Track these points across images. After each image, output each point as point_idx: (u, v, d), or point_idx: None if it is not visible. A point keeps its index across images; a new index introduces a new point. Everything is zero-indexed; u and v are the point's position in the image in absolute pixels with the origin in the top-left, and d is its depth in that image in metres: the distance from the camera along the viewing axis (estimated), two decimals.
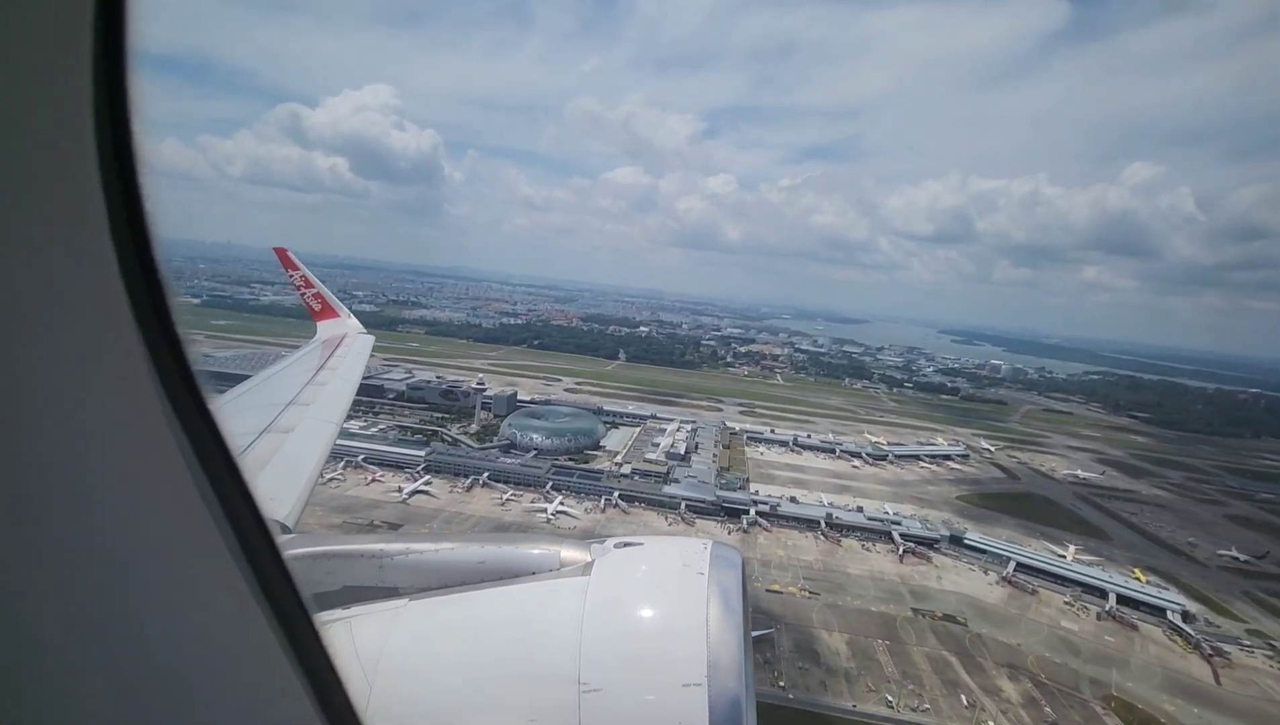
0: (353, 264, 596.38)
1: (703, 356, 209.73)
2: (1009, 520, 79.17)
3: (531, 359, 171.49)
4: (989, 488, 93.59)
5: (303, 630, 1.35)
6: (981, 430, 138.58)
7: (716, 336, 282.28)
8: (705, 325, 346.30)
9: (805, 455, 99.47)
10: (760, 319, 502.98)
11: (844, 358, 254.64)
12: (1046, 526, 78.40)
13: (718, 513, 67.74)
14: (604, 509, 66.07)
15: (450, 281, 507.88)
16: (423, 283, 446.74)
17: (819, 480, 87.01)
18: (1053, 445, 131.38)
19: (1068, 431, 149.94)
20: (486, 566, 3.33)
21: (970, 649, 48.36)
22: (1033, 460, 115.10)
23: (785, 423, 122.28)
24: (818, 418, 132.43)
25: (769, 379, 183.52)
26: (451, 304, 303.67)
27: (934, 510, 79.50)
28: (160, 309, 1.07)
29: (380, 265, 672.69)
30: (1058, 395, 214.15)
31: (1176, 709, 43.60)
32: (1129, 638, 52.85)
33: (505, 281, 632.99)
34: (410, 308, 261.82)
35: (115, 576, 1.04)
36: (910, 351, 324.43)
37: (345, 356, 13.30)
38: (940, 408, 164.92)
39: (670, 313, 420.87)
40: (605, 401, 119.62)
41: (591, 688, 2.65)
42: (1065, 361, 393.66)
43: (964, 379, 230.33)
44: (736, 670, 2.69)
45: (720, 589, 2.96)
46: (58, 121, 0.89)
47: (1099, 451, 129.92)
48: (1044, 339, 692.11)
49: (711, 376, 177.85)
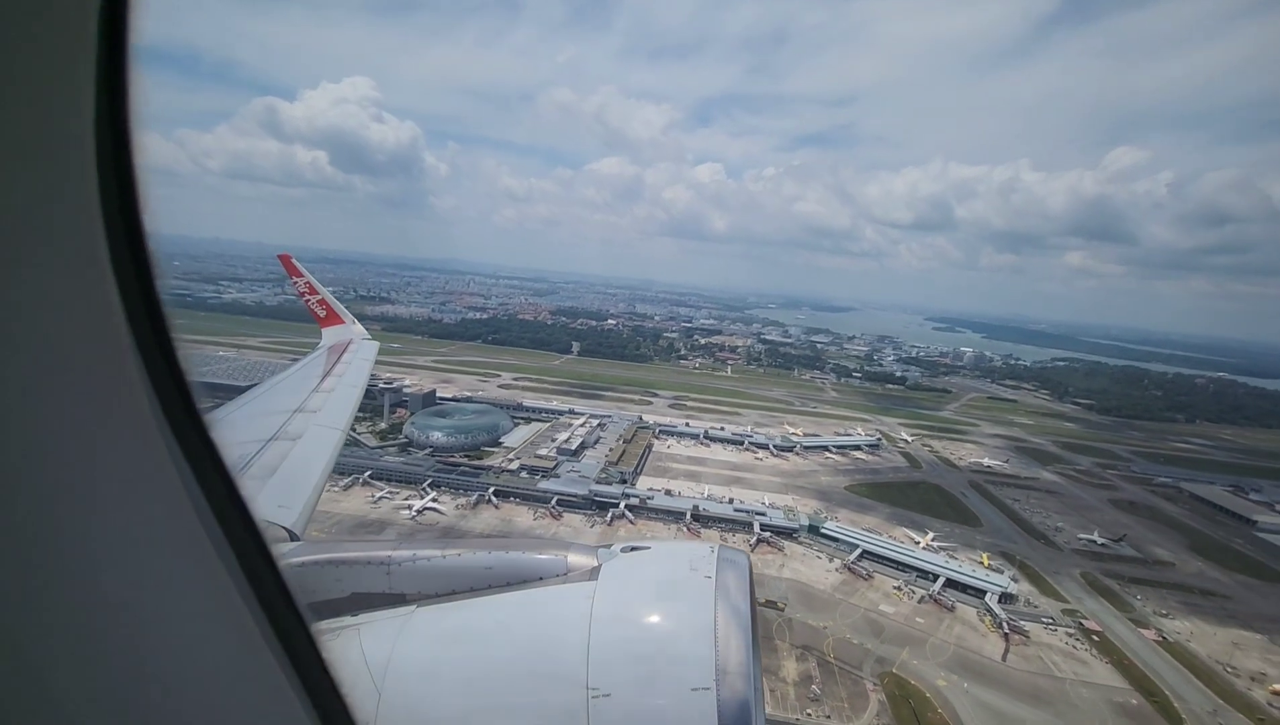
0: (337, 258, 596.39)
1: (659, 349, 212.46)
2: (885, 509, 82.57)
3: (481, 355, 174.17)
4: (884, 477, 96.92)
5: (298, 638, 1.34)
6: (910, 420, 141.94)
7: (686, 328, 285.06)
8: (679, 316, 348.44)
9: (713, 448, 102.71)
10: (743, 308, 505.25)
11: (808, 348, 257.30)
12: (921, 514, 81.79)
13: (589, 506, 71.01)
14: (475, 506, 69.30)
15: (435, 275, 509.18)
16: (404, 276, 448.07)
17: (714, 473, 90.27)
18: (976, 434, 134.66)
19: (999, 419, 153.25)
20: (494, 573, 3.37)
21: (774, 633, 51.75)
22: (946, 449, 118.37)
23: (712, 416, 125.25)
24: (749, 410, 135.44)
25: (718, 371, 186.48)
26: (422, 299, 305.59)
27: (814, 501, 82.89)
28: (154, 311, 1.07)
29: (367, 259, 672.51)
30: (1010, 383, 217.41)
31: (947, 684, 47.08)
32: (939, 619, 56.34)
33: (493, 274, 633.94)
34: (377, 303, 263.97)
35: (104, 584, 1.03)
36: (881, 340, 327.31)
37: (350, 363, 13.44)
38: (880, 397, 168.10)
39: (650, 304, 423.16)
40: (532, 397, 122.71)
41: (600, 692, 2.67)
42: (1043, 347, 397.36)
43: (921, 368, 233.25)
44: (745, 674, 2.69)
45: (727, 593, 2.98)
46: (57, 120, 0.88)
47: (1019, 439, 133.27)
48: (1030, 325, 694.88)
49: (659, 370, 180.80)
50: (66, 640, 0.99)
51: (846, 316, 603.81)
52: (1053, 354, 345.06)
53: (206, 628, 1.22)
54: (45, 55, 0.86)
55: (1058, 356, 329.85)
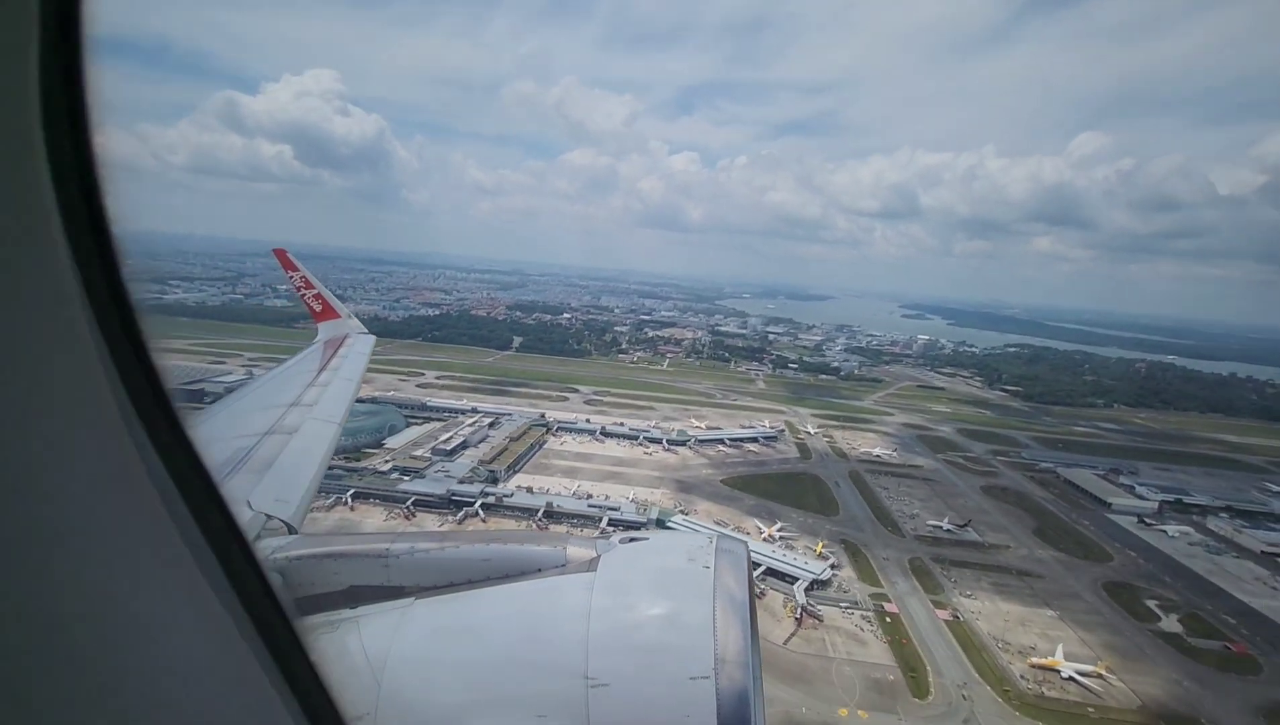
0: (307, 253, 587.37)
1: (603, 343, 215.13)
2: (750, 501, 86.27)
3: (415, 353, 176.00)
4: (767, 469, 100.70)
5: (281, 633, 1.32)
6: (825, 410, 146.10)
7: (643, 320, 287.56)
8: (641, 308, 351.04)
9: (607, 443, 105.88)
10: (715, 299, 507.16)
11: (759, 339, 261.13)
12: (783, 505, 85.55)
13: (446, 506, 74.01)
14: (331, 508, 72.07)
15: (405, 269, 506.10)
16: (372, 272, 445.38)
17: (595, 468, 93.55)
18: (885, 423, 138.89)
19: (917, 408, 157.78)
20: (492, 564, 3.37)
21: None
22: (846, 439, 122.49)
23: (625, 411, 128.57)
24: (665, 404, 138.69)
25: (654, 365, 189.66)
26: (379, 296, 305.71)
27: (683, 494, 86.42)
28: (121, 305, 1.07)
29: (341, 253, 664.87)
30: (948, 370, 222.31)
31: None
32: None
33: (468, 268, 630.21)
34: None
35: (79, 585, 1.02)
36: (840, 329, 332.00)
37: (347, 357, 13.60)
38: (807, 388, 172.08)
39: (617, 296, 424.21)
40: (446, 395, 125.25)
41: (599, 682, 2.71)
42: (1007, 333, 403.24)
43: (867, 357, 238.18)
44: (744, 663, 2.76)
45: (726, 582, 3.03)
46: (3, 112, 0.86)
47: (925, 427, 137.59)
48: (1004, 310, 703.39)
49: (594, 365, 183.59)
50: (41, 643, 0.97)
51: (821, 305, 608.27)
52: (1009, 340, 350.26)
53: (184, 626, 1.21)
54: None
55: (1012, 342, 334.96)
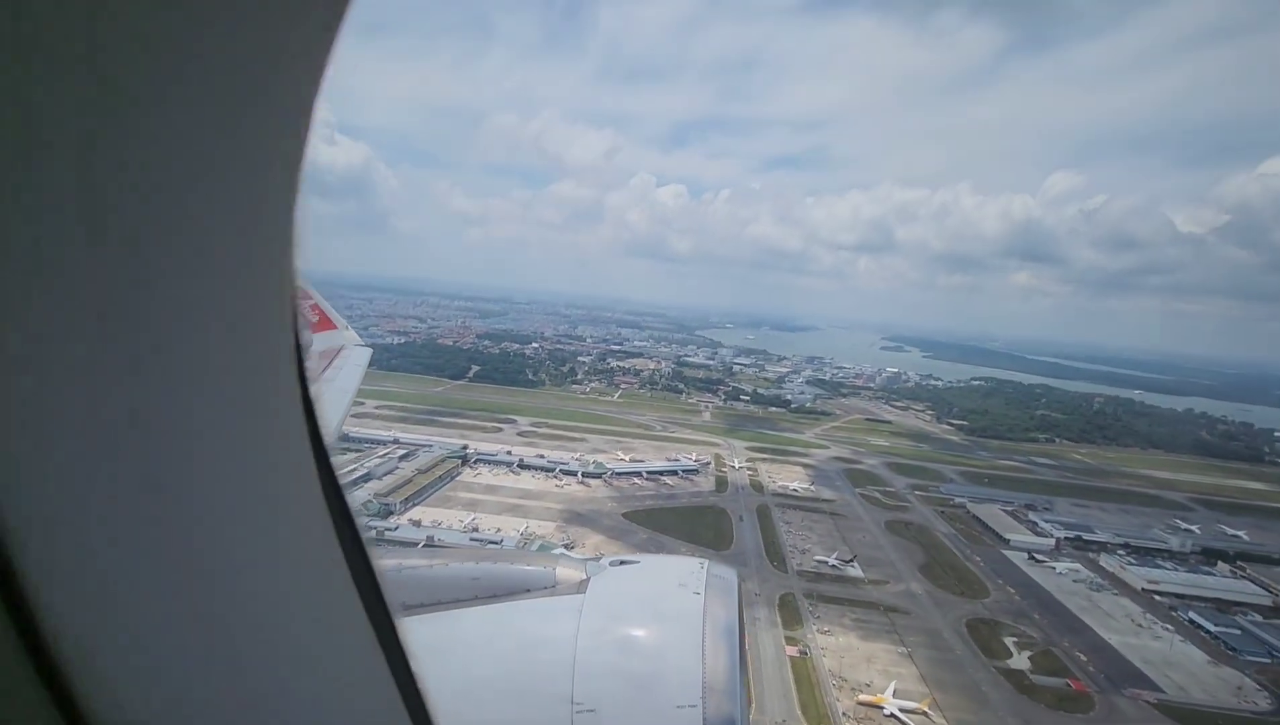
0: None
1: (561, 374, 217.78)
2: (643, 534, 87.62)
3: (364, 381, 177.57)
4: (676, 502, 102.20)
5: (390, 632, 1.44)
6: (761, 443, 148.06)
7: (612, 350, 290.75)
8: (614, 337, 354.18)
9: (522, 475, 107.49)
10: (695, 329, 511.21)
11: (722, 370, 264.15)
12: (676, 539, 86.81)
13: None
14: None
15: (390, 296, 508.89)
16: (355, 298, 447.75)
17: (499, 501, 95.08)
18: (816, 457, 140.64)
19: (857, 442, 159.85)
20: (480, 584, 3.36)
21: None
22: (771, 472, 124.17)
23: (558, 442, 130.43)
24: (600, 435, 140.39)
25: (604, 396, 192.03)
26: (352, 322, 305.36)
27: (578, 527, 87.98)
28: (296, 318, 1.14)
29: (332, 278, 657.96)
30: (902, 404, 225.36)
31: None
32: None
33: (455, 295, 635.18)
34: None
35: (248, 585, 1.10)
36: (810, 361, 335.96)
37: (342, 368, 13.53)
38: (753, 420, 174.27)
39: (595, 325, 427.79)
40: (374, 425, 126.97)
41: (585, 708, 2.67)
42: (981, 367, 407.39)
43: (827, 389, 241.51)
44: (731, 692, 2.73)
45: (716, 610, 3.01)
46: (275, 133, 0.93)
47: (854, 461, 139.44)
48: (987, 343, 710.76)
49: (543, 395, 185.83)
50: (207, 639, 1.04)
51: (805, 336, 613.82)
52: (978, 373, 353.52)
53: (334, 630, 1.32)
54: None
55: (979, 376, 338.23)
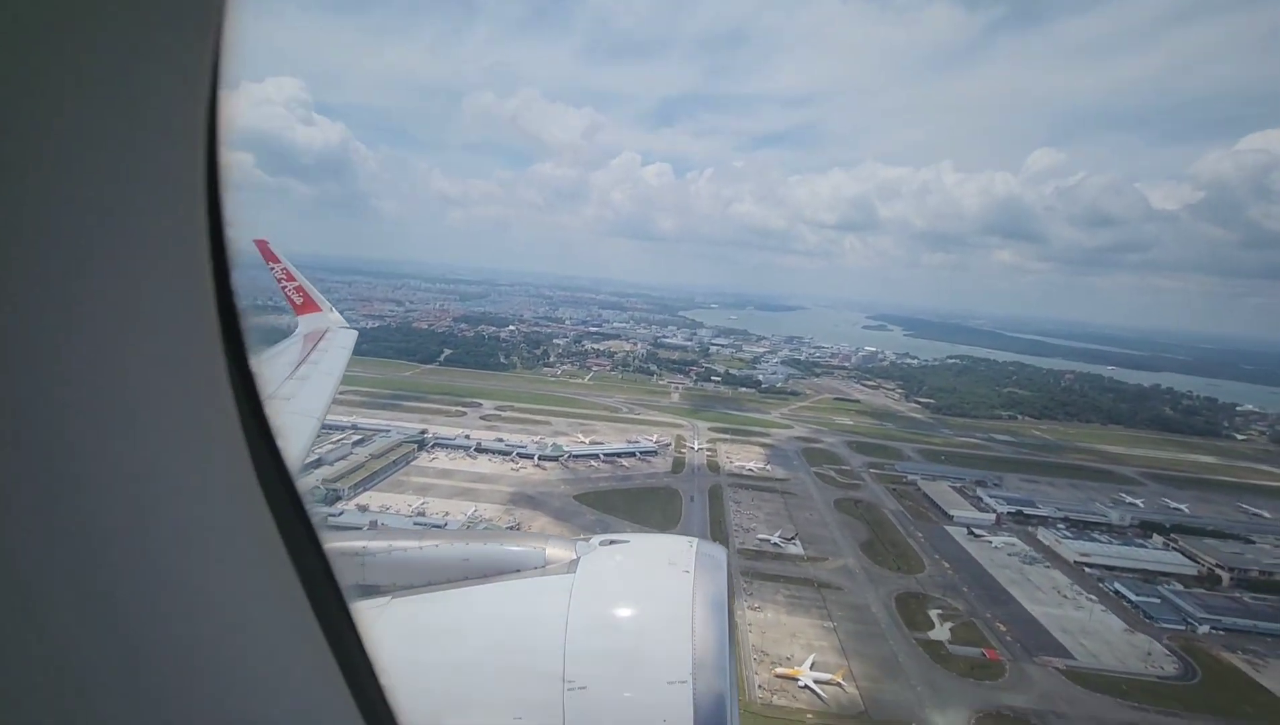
0: None
1: (534, 356, 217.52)
2: (592, 516, 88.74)
3: None
4: (629, 484, 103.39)
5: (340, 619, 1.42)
6: (725, 423, 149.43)
7: (588, 332, 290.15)
8: (594, 319, 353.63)
9: (479, 460, 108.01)
10: (679, 310, 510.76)
11: (698, 351, 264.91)
12: (622, 519, 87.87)
13: None
14: None
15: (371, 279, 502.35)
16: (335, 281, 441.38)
17: (451, 485, 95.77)
18: (777, 437, 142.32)
19: (822, 421, 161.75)
20: (471, 564, 3.38)
21: None
22: (729, 453, 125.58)
23: (521, 425, 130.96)
24: (565, 418, 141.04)
25: (575, 379, 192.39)
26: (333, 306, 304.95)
27: (528, 510, 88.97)
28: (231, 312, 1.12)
29: (314, 261, 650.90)
30: (873, 382, 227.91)
31: None
32: None
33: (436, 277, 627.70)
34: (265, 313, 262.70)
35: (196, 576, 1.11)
36: (789, 341, 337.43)
37: (327, 350, 13.38)
38: (720, 401, 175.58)
39: (576, 307, 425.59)
40: (335, 411, 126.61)
41: (576, 685, 2.71)
42: (960, 344, 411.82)
43: (801, 369, 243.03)
44: (721, 668, 2.78)
45: (705, 587, 3.06)
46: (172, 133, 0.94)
47: (814, 440, 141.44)
48: (970, 321, 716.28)
49: (511, 378, 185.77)
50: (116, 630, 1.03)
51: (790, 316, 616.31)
52: (956, 351, 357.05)
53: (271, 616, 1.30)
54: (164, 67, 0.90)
55: (955, 354, 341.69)
